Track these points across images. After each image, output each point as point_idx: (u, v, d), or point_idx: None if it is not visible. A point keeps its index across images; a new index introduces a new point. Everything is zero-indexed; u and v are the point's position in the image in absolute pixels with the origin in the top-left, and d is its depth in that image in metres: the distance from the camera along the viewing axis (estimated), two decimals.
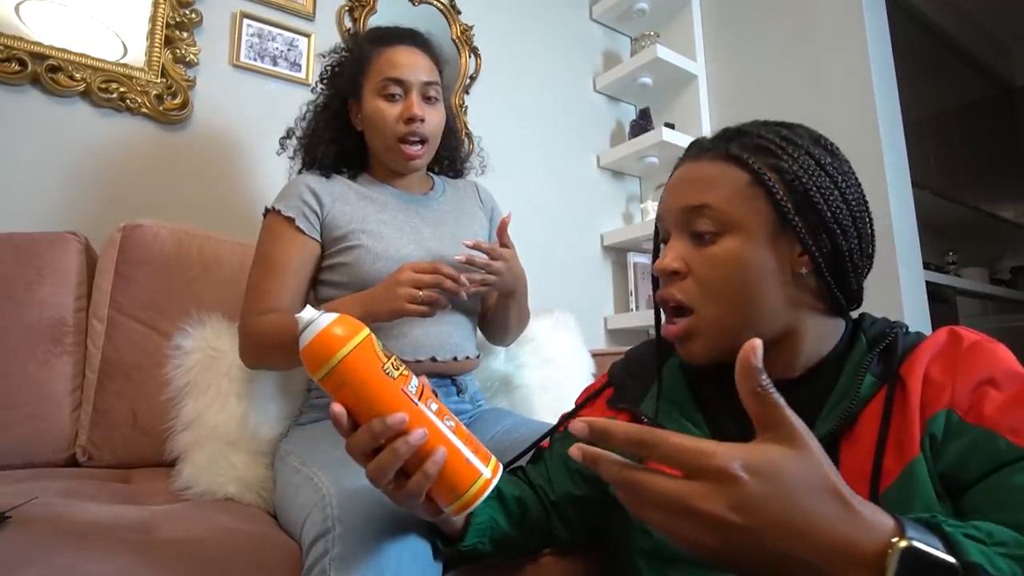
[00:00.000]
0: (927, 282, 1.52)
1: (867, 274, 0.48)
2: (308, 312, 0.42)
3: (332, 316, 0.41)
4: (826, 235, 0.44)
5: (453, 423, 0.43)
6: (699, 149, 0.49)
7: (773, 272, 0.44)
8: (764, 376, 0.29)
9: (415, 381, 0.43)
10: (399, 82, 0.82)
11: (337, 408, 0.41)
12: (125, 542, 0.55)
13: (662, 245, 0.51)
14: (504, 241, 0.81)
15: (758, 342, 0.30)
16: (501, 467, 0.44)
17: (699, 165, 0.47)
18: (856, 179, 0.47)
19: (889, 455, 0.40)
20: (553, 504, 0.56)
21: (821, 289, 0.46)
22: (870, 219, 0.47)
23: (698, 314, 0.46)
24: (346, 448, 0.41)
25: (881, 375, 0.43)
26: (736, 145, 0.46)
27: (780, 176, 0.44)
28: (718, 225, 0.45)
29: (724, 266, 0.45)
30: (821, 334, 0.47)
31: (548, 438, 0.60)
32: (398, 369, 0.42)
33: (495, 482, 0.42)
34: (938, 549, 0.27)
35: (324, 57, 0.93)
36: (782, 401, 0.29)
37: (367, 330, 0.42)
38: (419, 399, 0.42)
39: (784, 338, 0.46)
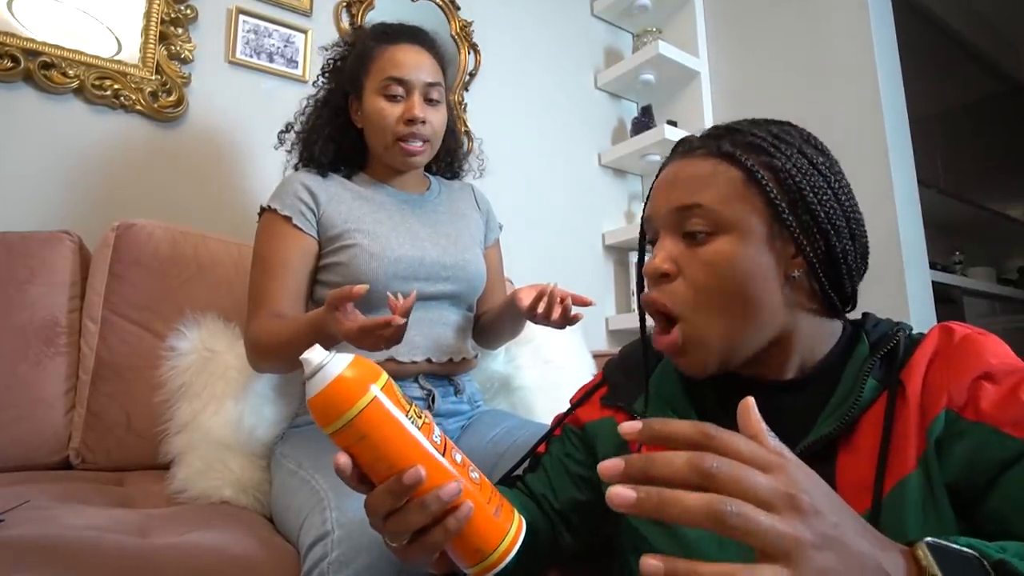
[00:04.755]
0: (933, 282, 1.50)
1: (862, 276, 0.47)
2: (316, 353, 0.36)
3: (346, 359, 0.36)
4: (820, 235, 0.43)
5: (478, 475, 0.39)
6: (688, 147, 0.47)
7: (769, 274, 0.43)
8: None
9: (437, 430, 0.38)
10: (401, 82, 0.81)
11: (342, 460, 0.36)
12: (119, 546, 0.55)
13: (648, 247, 0.49)
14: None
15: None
16: (525, 523, 0.40)
17: (690, 163, 0.45)
18: (846, 180, 0.46)
19: (892, 465, 0.38)
20: (558, 513, 0.54)
21: (814, 290, 0.45)
22: (862, 220, 0.46)
23: (689, 322, 0.44)
24: (364, 506, 0.38)
25: (883, 380, 0.42)
26: (728, 143, 0.45)
27: (774, 175, 0.43)
28: (711, 225, 0.43)
29: (718, 268, 0.43)
30: (815, 336, 0.46)
31: (545, 442, 0.59)
32: (420, 417, 0.37)
33: (520, 541, 0.39)
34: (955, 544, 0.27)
35: (326, 50, 0.92)
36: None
37: (385, 374, 0.37)
38: (443, 452, 0.37)
39: (779, 340, 0.45)
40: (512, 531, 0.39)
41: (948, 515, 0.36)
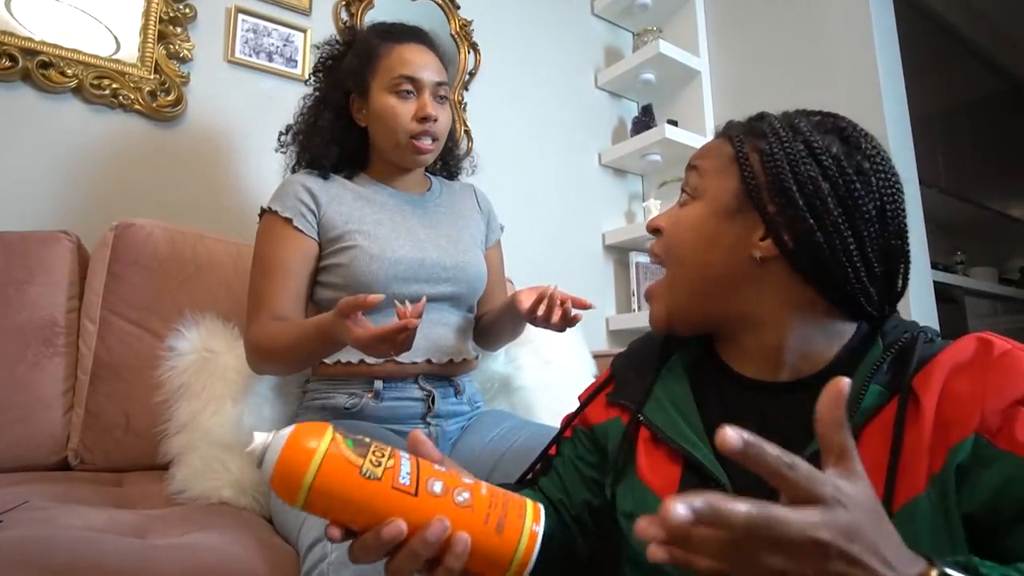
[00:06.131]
0: (935, 282, 1.50)
1: (891, 282, 0.45)
2: (258, 438, 0.36)
3: (285, 433, 0.35)
4: (797, 223, 0.42)
5: (468, 493, 0.37)
6: (725, 127, 0.51)
7: (726, 246, 0.45)
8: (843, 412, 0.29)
9: (406, 465, 0.37)
10: (413, 80, 0.81)
11: (331, 533, 0.36)
12: (118, 547, 0.54)
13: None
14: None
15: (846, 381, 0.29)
16: (542, 508, 0.39)
17: (717, 139, 0.50)
18: (880, 181, 0.44)
19: (901, 481, 0.36)
20: (575, 518, 0.54)
21: (794, 280, 0.44)
22: (889, 226, 0.43)
23: (668, 270, 0.49)
24: (348, 556, 0.37)
25: (890, 385, 0.40)
26: (740, 126, 0.48)
27: (759, 156, 0.45)
28: (694, 190, 0.48)
29: (683, 228, 0.48)
30: (811, 334, 0.44)
31: (556, 444, 0.58)
32: (380, 464, 0.36)
33: (541, 527, 0.37)
34: None
35: (317, 48, 0.92)
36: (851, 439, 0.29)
37: (329, 432, 0.36)
38: (418, 487, 0.36)
39: (750, 326, 0.46)
40: (529, 522, 0.37)
41: (962, 544, 0.34)
